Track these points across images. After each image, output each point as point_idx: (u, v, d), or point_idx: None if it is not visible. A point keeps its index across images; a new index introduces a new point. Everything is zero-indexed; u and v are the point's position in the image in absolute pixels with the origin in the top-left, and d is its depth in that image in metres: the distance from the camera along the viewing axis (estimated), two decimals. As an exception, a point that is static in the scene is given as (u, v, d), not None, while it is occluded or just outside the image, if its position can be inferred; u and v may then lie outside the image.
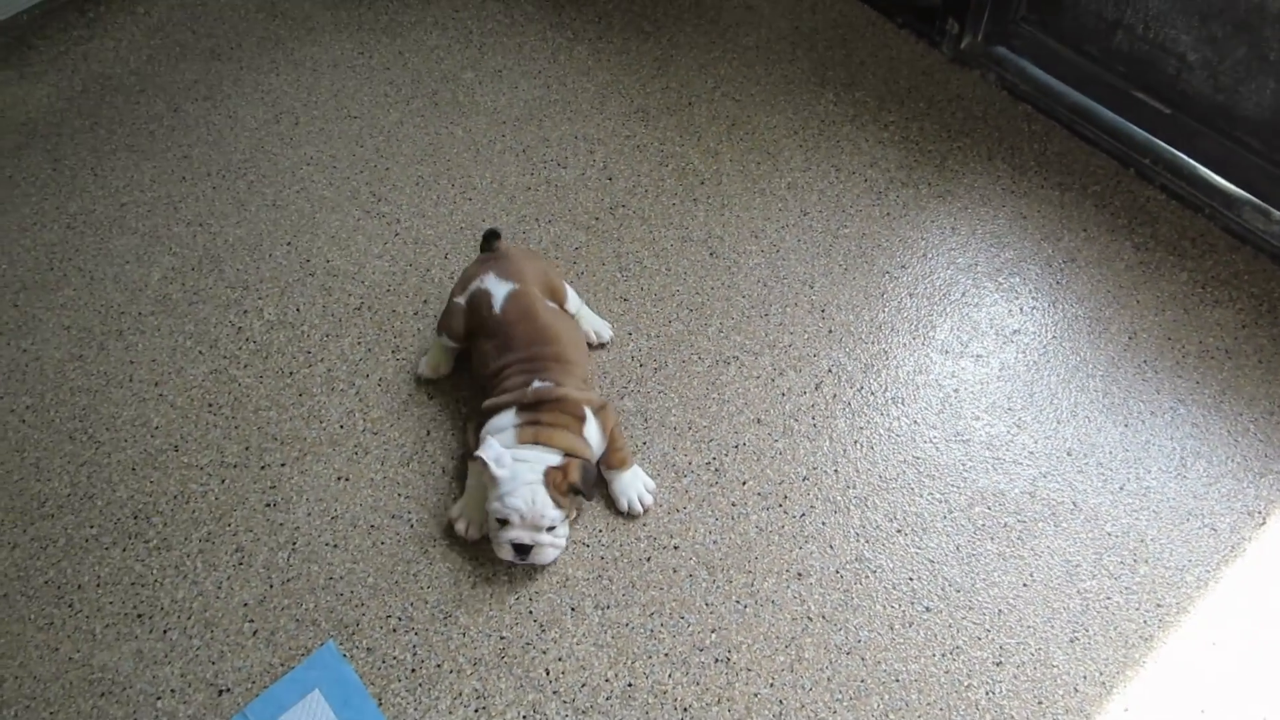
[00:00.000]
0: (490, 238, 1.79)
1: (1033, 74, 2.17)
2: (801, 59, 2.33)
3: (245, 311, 1.95)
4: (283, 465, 1.74)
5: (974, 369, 1.82)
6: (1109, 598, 1.57)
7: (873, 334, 1.88)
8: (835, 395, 1.80)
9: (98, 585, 1.60)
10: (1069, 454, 1.72)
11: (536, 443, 1.55)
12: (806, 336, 1.87)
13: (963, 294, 1.92)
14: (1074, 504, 1.66)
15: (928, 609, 1.56)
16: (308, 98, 2.33)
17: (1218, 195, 1.95)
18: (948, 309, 1.91)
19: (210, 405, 1.82)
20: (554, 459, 1.54)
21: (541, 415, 1.57)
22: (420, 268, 2.00)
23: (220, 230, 2.08)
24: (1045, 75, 2.15)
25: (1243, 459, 1.70)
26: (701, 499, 1.68)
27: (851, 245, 2.00)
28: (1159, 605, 1.56)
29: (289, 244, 2.05)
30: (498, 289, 1.69)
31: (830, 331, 1.88)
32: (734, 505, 1.67)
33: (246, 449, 1.76)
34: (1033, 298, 1.91)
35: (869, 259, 1.98)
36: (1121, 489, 1.68)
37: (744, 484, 1.69)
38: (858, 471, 1.71)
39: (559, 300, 1.77)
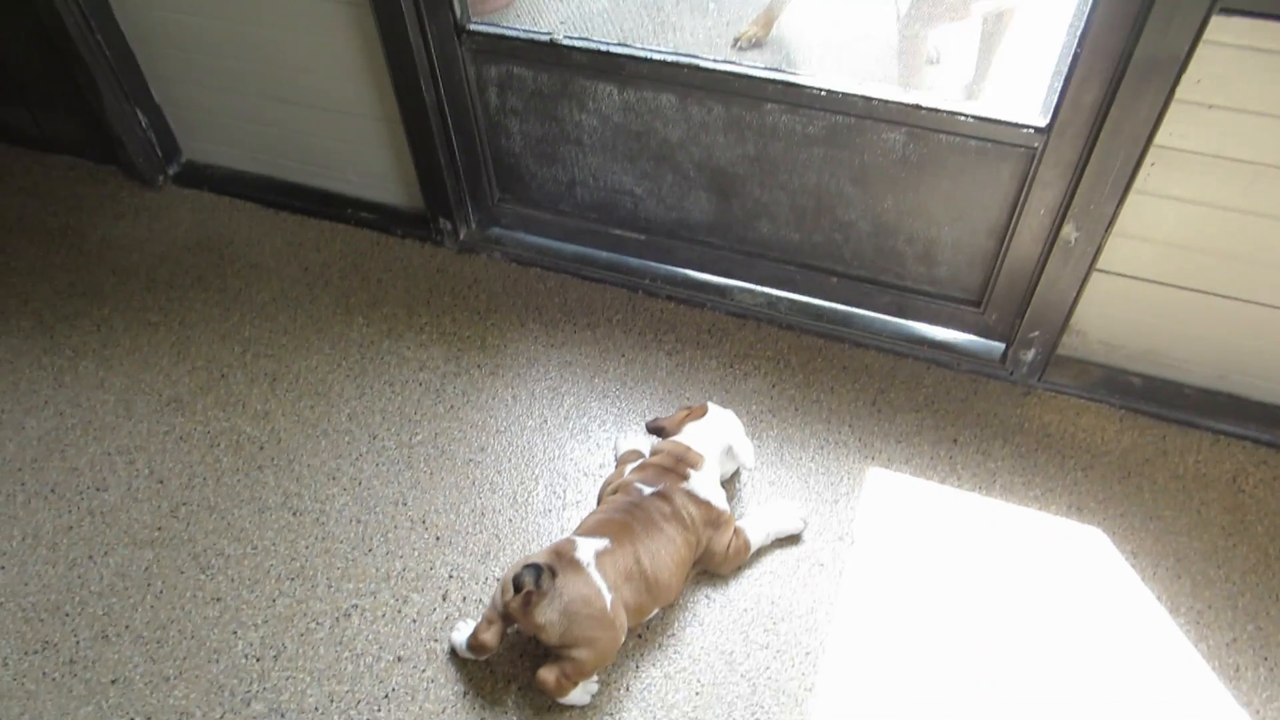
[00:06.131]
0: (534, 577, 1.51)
1: (529, 241, 2.39)
2: (321, 295, 2.36)
3: None
4: None
5: (579, 516, 1.89)
6: (767, 668, 1.67)
7: (478, 523, 1.89)
8: (464, 597, 1.78)
9: None
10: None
11: None
12: (416, 554, 1.84)
13: (544, 452, 2.01)
14: (708, 596, 1.77)
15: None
16: None
17: (710, 289, 2.26)
18: (537, 471, 1.98)
19: None
20: None
21: None
22: (-45, 671, 1.69)
23: None
24: (539, 239, 2.39)
25: (817, 495, 1.92)
26: (366, 771, 1.55)
27: (429, 449, 2.02)
28: (807, 653, 1.69)
29: None
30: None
31: (438, 539, 1.87)
32: (401, 760, 1.56)
33: None
34: (602, 429, 2.05)
35: (449, 455, 2.01)
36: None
37: (404, 733, 1.59)
38: (515, 669, 1.68)
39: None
